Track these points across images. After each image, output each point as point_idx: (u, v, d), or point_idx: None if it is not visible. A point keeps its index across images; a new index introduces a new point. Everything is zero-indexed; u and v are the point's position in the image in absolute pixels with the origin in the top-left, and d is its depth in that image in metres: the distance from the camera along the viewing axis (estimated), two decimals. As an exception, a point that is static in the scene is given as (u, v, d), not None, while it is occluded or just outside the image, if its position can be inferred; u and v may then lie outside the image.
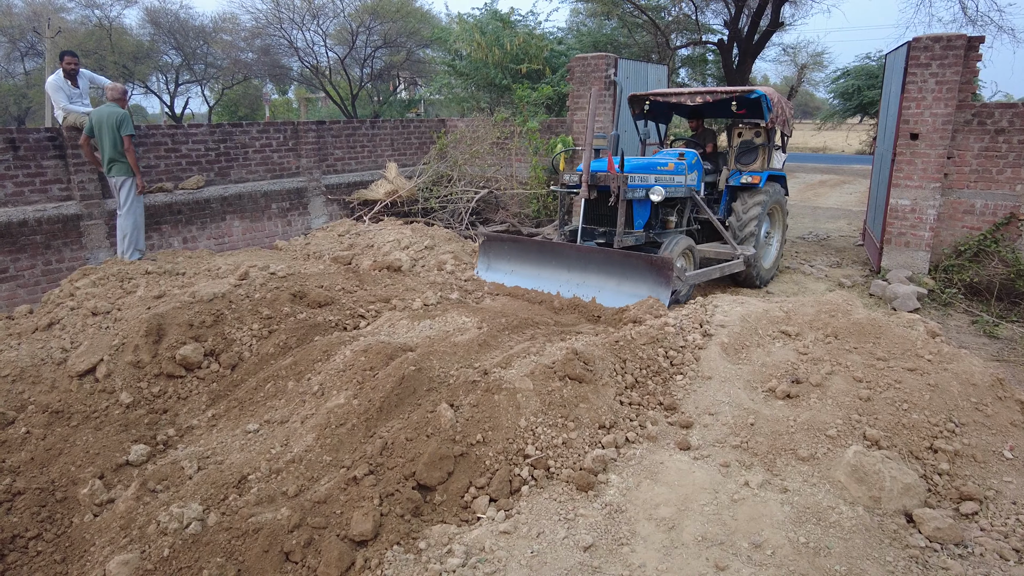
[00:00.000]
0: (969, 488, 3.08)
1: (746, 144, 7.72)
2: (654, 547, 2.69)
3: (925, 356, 3.94)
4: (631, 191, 6.06)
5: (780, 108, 7.14)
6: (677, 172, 6.72)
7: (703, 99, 7.03)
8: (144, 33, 24.03)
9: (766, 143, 7.52)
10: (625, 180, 5.90)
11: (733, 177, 7.40)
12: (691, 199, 7.00)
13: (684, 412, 3.73)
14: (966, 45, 6.81)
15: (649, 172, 6.36)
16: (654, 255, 5.32)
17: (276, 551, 2.64)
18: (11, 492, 3.23)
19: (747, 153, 7.66)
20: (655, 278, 5.36)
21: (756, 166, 7.54)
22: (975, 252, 7.12)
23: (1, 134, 6.74)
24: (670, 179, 6.59)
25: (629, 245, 6.26)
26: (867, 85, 19.46)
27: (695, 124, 8.15)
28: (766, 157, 7.52)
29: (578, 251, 5.98)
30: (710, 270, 6.30)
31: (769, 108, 6.84)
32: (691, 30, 17.36)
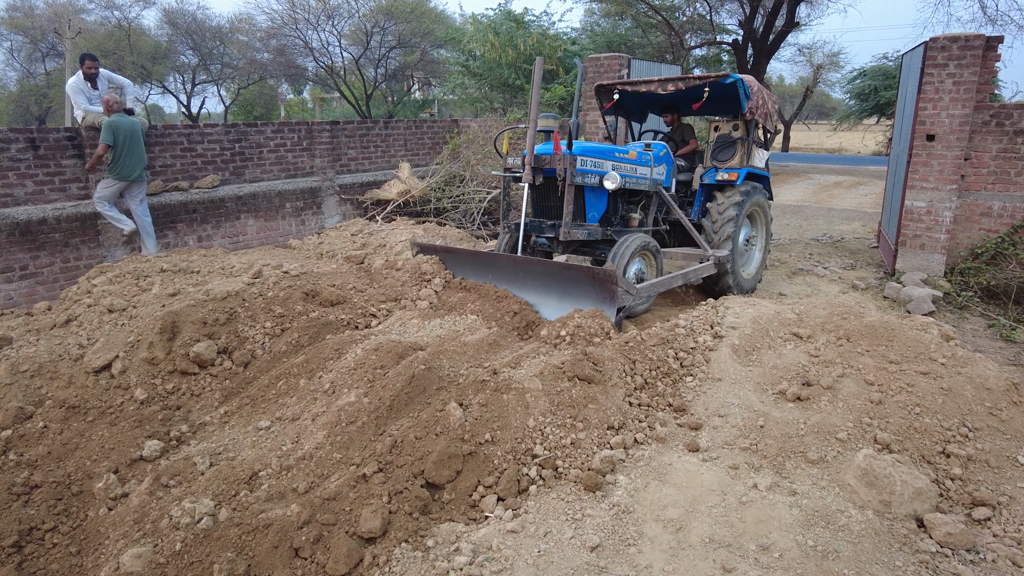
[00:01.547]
0: (982, 493, 3.04)
1: (723, 139, 6.98)
2: (661, 548, 2.69)
3: (939, 360, 3.90)
4: (580, 176, 5.39)
5: (761, 99, 6.57)
6: (641, 163, 6.09)
7: (675, 87, 6.35)
8: (162, 34, 24.35)
9: (745, 137, 6.80)
10: (573, 162, 5.27)
11: (708, 175, 6.78)
12: (658, 195, 6.43)
13: (693, 414, 3.72)
14: (984, 45, 6.73)
15: (604, 157, 5.69)
16: (596, 267, 4.62)
17: (286, 547, 2.67)
18: (29, 485, 3.29)
19: (724, 149, 6.94)
20: (598, 293, 4.68)
21: (734, 162, 6.86)
22: (992, 255, 7.03)
23: (22, 134, 6.86)
24: (632, 169, 5.97)
25: (579, 240, 5.69)
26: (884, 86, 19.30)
27: (670, 119, 7.47)
28: (745, 153, 6.82)
29: (514, 263, 5.25)
30: (671, 277, 5.59)
31: (747, 96, 6.26)
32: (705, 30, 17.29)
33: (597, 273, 4.67)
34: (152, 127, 7.91)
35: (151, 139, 7.80)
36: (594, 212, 5.83)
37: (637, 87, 6.67)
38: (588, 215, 5.77)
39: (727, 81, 6.12)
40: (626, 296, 4.73)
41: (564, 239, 5.44)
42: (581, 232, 5.62)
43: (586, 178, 5.47)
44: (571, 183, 5.31)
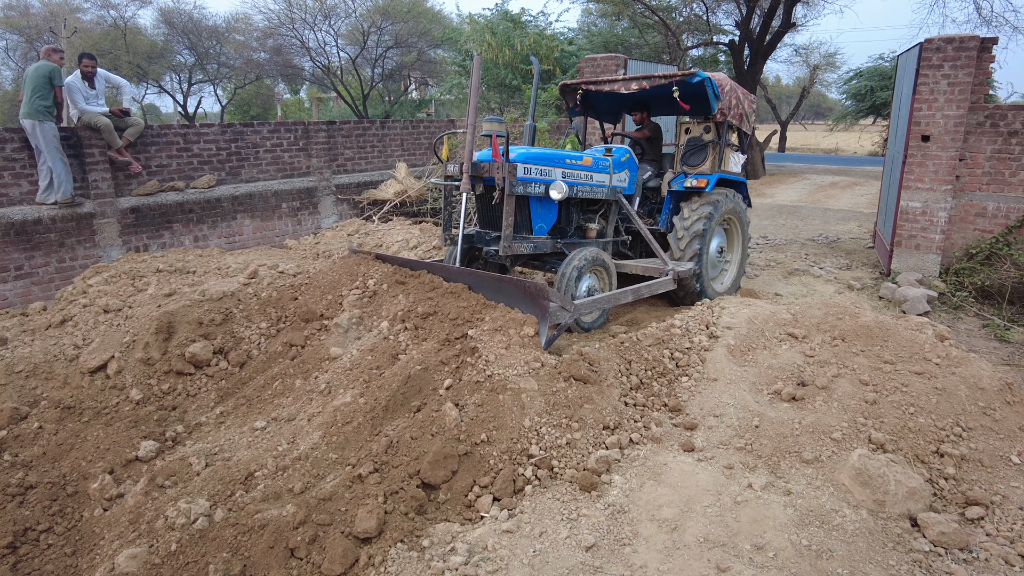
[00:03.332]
0: (975, 493, 3.06)
1: (694, 142, 6.48)
2: (656, 548, 2.69)
3: (933, 360, 3.92)
4: (522, 185, 4.93)
5: (733, 99, 6.13)
6: (597, 169, 5.66)
7: (639, 85, 5.90)
8: (158, 33, 24.29)
9: (716, 140, 6.34)
10: (513, 170, 4.82)
11: (676, 181, 6.27)
12: (618, 204, 5.96)
13: (689, 414, 3.73)
14: (979, 46, 6.76)
15: (552, 164, 5.25)
16: (528, 281, 4.22)
17: (281, 547, 2.67)
18: (23, 486, 3.28)
19: (695, 152, 6.45)
20: (530, 308, 4.20)
21: (704, 168, 6.40)
22: (987, 255, 7.06)
23: (17, 133, 6.84)
24: (586, 176, 5.55)
25: (523, 253, 5.27)
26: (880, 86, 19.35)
27: (640, 118, 6.97)
28: (717, 158, 6.36)
29: (444, 272, 4.79)
30: (618, 293, 5.12)
31: (716, 96, 5.81)
32: (702, 31, 17.32)
33: (528, 287, 4.20)
34: (149, 127, 7.90)
35: (148, 139, 7.79)
36: (542, 223, 5.38)
37: (601, 86, 6.25)
38: (535, 226, 5.33)
39: (693, 80, 5.66)
40: (561, 312, 4.23)
41: (504, 253, 4.96)
42: (526, 246, 5.19)
43: (529, 187, 5.02)
44: (511, 193, 4.87)
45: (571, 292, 4.92)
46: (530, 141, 5.94)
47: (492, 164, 4.92)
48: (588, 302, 4.69)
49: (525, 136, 6.03)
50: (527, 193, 5.03)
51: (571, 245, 5.57)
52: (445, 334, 4.09)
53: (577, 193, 5.44)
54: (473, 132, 4.84)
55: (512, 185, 4.85)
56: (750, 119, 6.71)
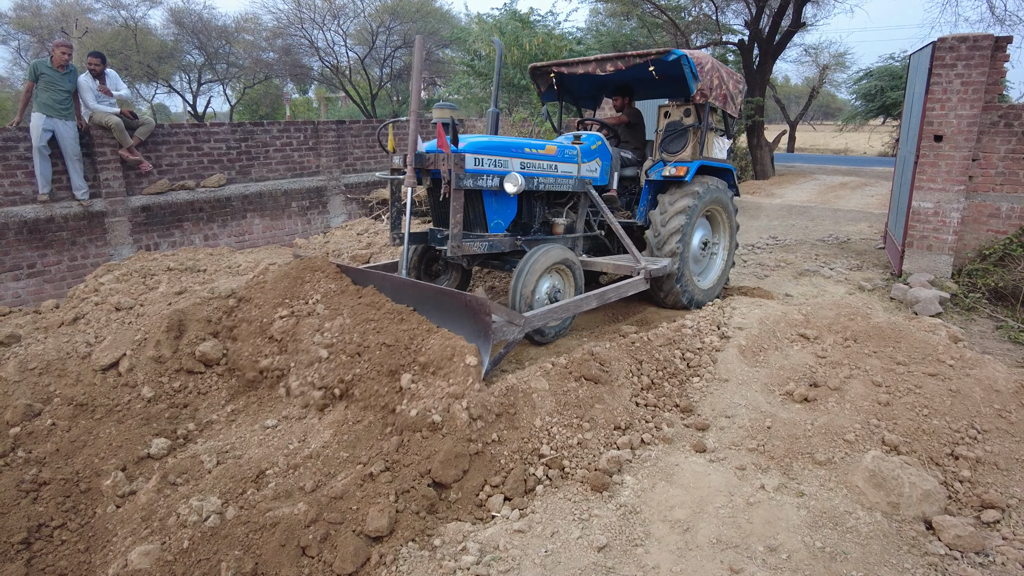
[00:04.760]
0: (991, 496, 3.03)
1: (673, 127, 5.96)
2: (668, 549, 2.68)
3: (947, 361, 3.89)
4: (472, 178, 4.47)
5: (715, 78, 5.64)
6: (563, 159, 5.20)
7: (614, 67, 5.45)
8: (168, 33, 24.42)
9: (697, 125, 5.80)
10: (460, 162, 4.36)
11: (655, 169, 5.79)
12: (587, 196, 5.48)
13: (700, 414, 3.71)
14: (993, 45, 6.70)
15: (508, 154, 4.76)
16: (468, 295, 3.81)
17: (293, 545, 2.67)
18: (37, 482, 3.30)
19: (675, 138, 5.93)
20: (472, 326, 3.74)
21: (685, 155, 5.86)
22: (1000, 256, 6.99)
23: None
24: (549, 167, 5.07)
25: (479, 253, 4.79)
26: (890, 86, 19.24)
27: (619, 103, 6.52)
28: (698, 143, 5.84)
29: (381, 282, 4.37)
30: (581, 299, 4.60)
31: (695, 76, 5.34)
32: (711, 30, 17.25)
33: (469, 301, 3.77)
34: (159, 126, 7.94)
35: (158, 138, 7.83)
36: (498, 219, 4.90)
37: (574, 68, 5.75)
38: (490, 223, 4.84)
39: (669, 58, 5.21)
40: (509, 328, 3.82)
41: (453, 255, 4.50)
42: (479, 244, 4.72)
43: (480, 180, 4.55)
44: (458, 187, 4.39)
45: (525, 299, 4.50)
46: (493, 130, 5.56)
47: (438, 155, 4.46)
48: (542, 313, 4.19)
49: (488, 124, 5.65)
50: (478, 187, 4.56)
51: (534, 242, 5.11)
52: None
53: (538, 186, 4.98)
54: (416, 121, 4.40)
55: (459, 178, 4.38)
56: (736, 100, 6.20)
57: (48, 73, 6.79)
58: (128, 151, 7.42)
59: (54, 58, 6.82)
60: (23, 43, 23.32)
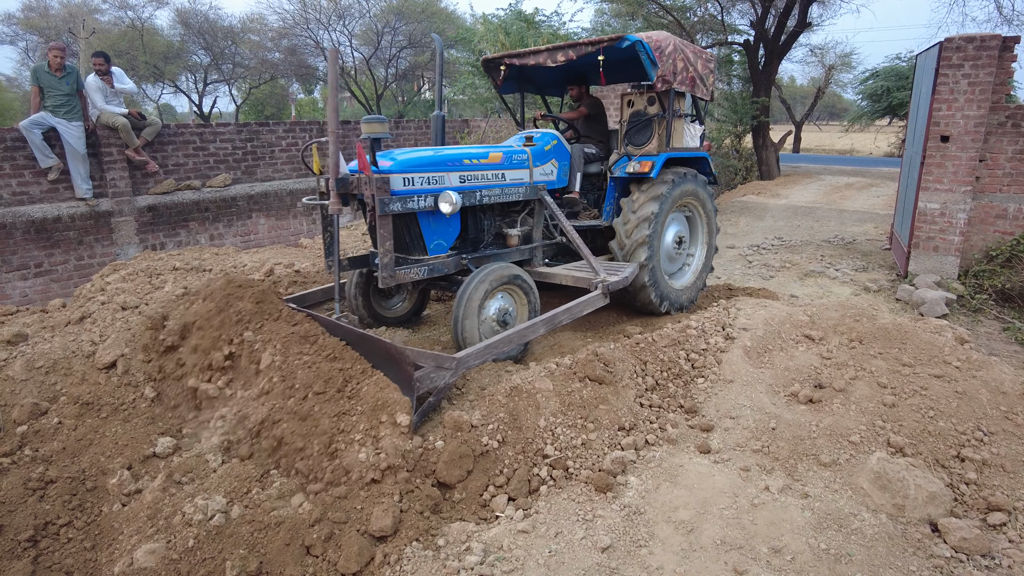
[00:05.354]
0: (997, 498, 3.02)
1: (637, 116, 5.50)
2: (672, 550, 2.68)
3: (953, 363, 3.87)
4: (401, 200, 4.10)
5: (679, 61, 5.16)
6: (511, 166, 4.84)
7: (565, 56, 5.04)
8: (174, 34, 24.54)
9: (662, 114, 5.34)
10: (385, 185, 4.01)
11: (619, 165, 5.38)
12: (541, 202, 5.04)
13: (705, 415, 3.71)
14: (1000, 45, 6.67)
15: (444, 169, 4.42)
16: (389, 343, 3.38)
17: (297, 544, 2.68)
18: (44, 480, 3.32)
19: (640, 129, 5.47)
20: (395, 375, 3.32)
21: (650, 147, 5.39)
22: (1007, 257, 6.96)
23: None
24: (495, 176, 4.71)
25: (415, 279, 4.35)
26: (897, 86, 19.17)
27: (576, 93, 6.08)
28: (664, 134, 5.35)
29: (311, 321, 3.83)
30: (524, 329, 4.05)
31: (653, 62, 4.87)
32: (716, 31, 17.21)
33: (391, 350, 3.35)
34: (165, 126, 7.98)
35: (164, 138, 7.87)
36: (439, 240, 4.49)
37: (525, 59, 5.35)
38: (429, 245, 4.44)
39: (623, 45, 4.82)
40: (438, 374, 3.38)
41: (385, 285, 4.13)
42: (417, 270, 4.33)
43: (412, 202, 4.18)
44: (384, 213, 4.02)
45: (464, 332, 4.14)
46: (439, 138, 5.15)
47: (361, 178, 4.08)
48: (478, 351, 3.68)
49: (433, 131, 5.18)
50: (408, 209, 4.18)
51: (484, 259, 4.75)
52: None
53: (483, 199, 4.60)
54: (336, 141, 3.93)
55: (384, 203, 4.01)
56: (707, 81, 5.70)
57: (46, 77, 6.84)
58: (135, 151, 7.46)
59: (50, 62, 6.86)
60: (31, 43, 23.45)
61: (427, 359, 3.39)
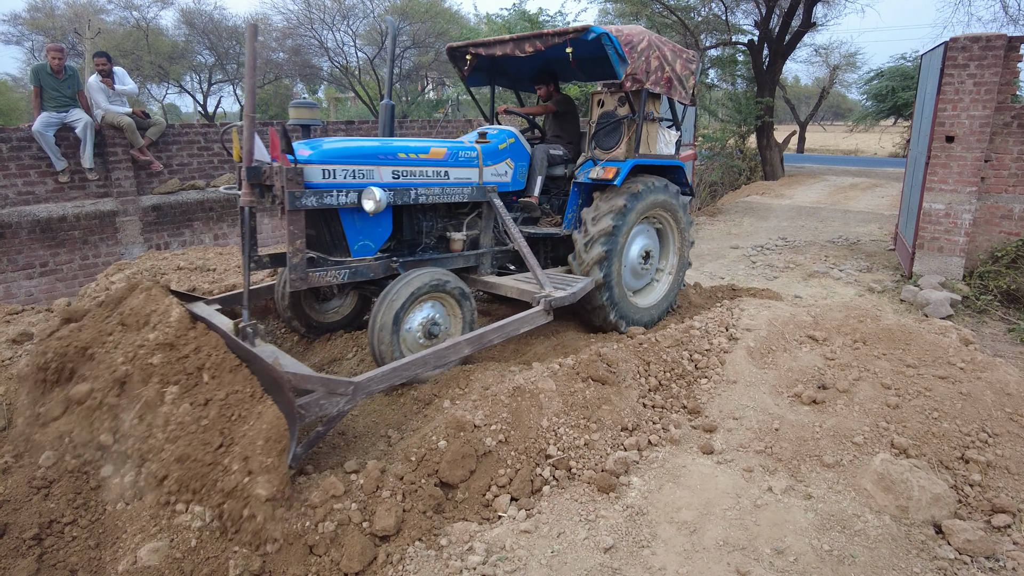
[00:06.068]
0: (1002, 500, 3.01)
1: (607, 117, 5.12)
2: (675, 550, 2.68)
3: (957, 364, 3.86)
4: (318, 194, 3.71)
5: (654, 59, 4.75)
6: (455, 163, 4.45)
7: (533, 47, 4.65)
8: (179, 34, 24.62)
9: (632, 115, 4.93)
10: (298, 176, 3.61)
11: (583, 170, 4.99)
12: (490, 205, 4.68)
13: (708, 416, 3.70)
14: (1006, 45, 6.64)
15: (372, 162, 4.00)
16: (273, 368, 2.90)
17: (300, 544, 2.69)
18: (48, 479, 3.33)
19: (610, 132, 5.09)
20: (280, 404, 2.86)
21: (617, 152, 5.00)
22: (1013, 258, 6.93)
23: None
24: (435, 174, 4.32)
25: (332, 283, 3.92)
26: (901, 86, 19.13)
27: (544, 92, 5.64)
28: (634, 138, 4.93)
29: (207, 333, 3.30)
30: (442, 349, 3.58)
31: (622, 58, 4.51)
32: (721, 30, 17.19)
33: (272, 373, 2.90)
34: (170, 126, 8.00)
35: (169, 138, 7.89)
36: (365, 241, 4.08)
37: (492, 49, 4.93)
38: (352, 246, 4.03)
39: (588, 37, 4.45)
40: (329, 401, 3.00)
41: (296, 288, 3.75)
42: (336, 273, 3.90)
43: (330, 196, 3.76)
44: (294, 208, 3.62)
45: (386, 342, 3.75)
46: (387, 129, 4.83)
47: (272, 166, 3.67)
48: (384, 374, 3.23)
49: (381, 122, 4.84)
50: (327, 205, 3.77)
51: (420, 264, 4.33)
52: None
53: (419, 198, 4.20)
54: (252, 125, 3.47)
55: (296, 196, 3.59)
56: (686, 84, 5.23)
57: (48, 78, 6.88)
58: (139, 151, 7.49)
59: (50, 64, 6.90)
60: (36, 44, 23.55)
61: (316, 383, 2.96)
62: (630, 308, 5.01)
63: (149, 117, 7.79)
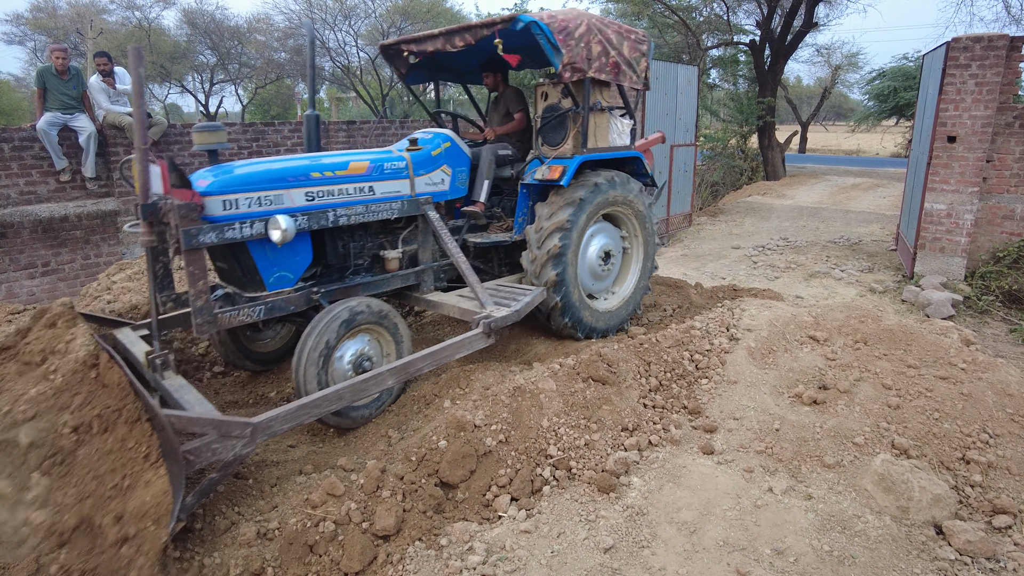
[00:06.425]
0: (1003, 501, 3.00)
1: (552, 111, 4.76)
2: (675, 551, 2.68)
3: (958, 364, 3.85)
4: (218, 229, 3.34)
5: (596, 45, 4.39)
6: (380, 177, 4.08)
7: (463, 40, 4.31)
8: (181, 34, 24.67)
9: (576, 108, 4.57)
10: (192, 212, 3.24)
11: (531, 169, 4.64)
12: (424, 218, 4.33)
13: (708, 416, 3.70)
14: (1008, 45, 6.63)
15: (281, 186, 3.62)
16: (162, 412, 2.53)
17: (300, 543, 2.69)
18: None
19: (555, 127, 4.72)
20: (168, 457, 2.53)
21: (564, 148, 4.65)
22: (1014, 259, 6.92)
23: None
24: (356, 191, 3.94)
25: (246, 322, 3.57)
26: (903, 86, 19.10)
27: (491, 81, 5.30)
28: (580, 132, 4.58)
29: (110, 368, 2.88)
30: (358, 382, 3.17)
31: (555, 47, 4.10)
32: (722, 30, 17.18)
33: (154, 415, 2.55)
34: (171, 126, 8.01)
35: (170, 138, 7.90)
36: (281, 272, 3.72)
37: (423, 45, 4.58)
38: (267, 279, 3.67)
39: (517, 27, 4.06)
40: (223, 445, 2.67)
41: (201, 334, 3.35)
42: (249, 312, 3.54)
43: (231, 230, 3.38)
44: (191, 247, 3.22)
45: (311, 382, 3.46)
46: (312, 143, 4.49)
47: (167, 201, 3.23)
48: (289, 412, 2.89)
49: (305, 135, 4.53)
50: (227, 240, 3.37)
51: (350, 290, 4.02)
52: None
53: (339, 220, 3.84)
54: (145, 158, 3.02)
55: (191, 235, 3.20)
56: (637, 67, 4.81)
57: (53, 79, 6.89)
58: (141, 151, 7.49)
59: (54, 65, 6.92)
60: (39, 44, 23.60)
61: (206, 426, 2.65)
62: (588, 315, 4.68)
63: (150, 117, 7.79)
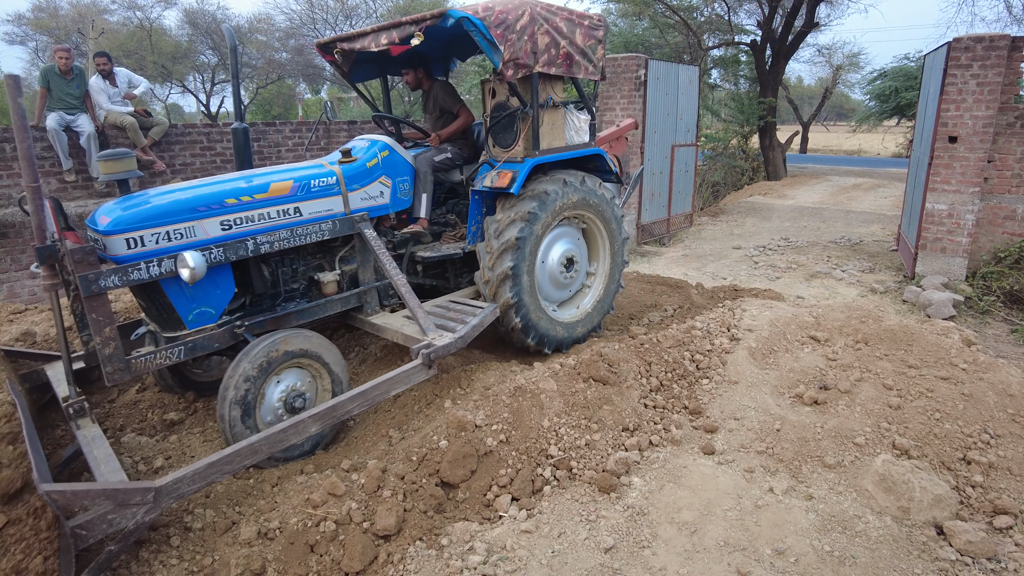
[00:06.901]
0: (1004, 502, 3.00)
1: (499, 110, 4.34)
2: (675, 551, 2.68)
3: (960, 365, 3.85)
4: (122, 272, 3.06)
5: (542, 37, 4.01)
6: (307, 195, 3.75)
7: (388, 38, 3.94)
8: (182, 34, 24.69)
9: (524, 108, 4.16)
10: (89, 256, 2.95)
11: (481, 175, 4.32)
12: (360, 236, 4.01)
13: (709, 416, 3.70)
14: (1010, 45, 6.62)
15: (188, 217, 3.31)
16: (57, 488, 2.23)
17: (301, 543, 2.69)
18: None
19: (505, 128, 4.33)
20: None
21: (516, 151, 4.25)
22: (1016, 259, 6.91)
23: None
24: (280, 214, 3.62)
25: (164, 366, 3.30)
26: (905, 87, 19.06)
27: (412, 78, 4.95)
28: (530, 132, 4.22)
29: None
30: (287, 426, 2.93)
31: (491, 43, 3.74)
32: (723, 31, 17.17)
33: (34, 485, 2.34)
34: (173, 126, 8.02)
35: (172, 138, 7.90)
36: (203, 307, 3.43)
37: (354, 43, 4.22)
38: (185, 317, 3.38)
39: (447, 24, 3.71)
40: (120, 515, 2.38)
41: (113, 383, 3.09)
42: (168, 353, 3.27)
43: (136, 271, 3.09)
44: (91, 294, 2.95)
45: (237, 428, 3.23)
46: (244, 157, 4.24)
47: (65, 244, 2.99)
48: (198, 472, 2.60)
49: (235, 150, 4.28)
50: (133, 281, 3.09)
51: (281, 320, 3.71)
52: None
53: (261, 247, 3.52)
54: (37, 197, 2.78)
55: (89, 281, 2.92)
56: (593, 56, 4.44)
57: (56, 79, 6.90)
58: (142, 151, 7.50)
59: (57, 65, 6.92)
60: (40, 44, 23.63)
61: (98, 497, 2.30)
62: (550, 326, 4.41)
63: (151, 116, 7.80)
